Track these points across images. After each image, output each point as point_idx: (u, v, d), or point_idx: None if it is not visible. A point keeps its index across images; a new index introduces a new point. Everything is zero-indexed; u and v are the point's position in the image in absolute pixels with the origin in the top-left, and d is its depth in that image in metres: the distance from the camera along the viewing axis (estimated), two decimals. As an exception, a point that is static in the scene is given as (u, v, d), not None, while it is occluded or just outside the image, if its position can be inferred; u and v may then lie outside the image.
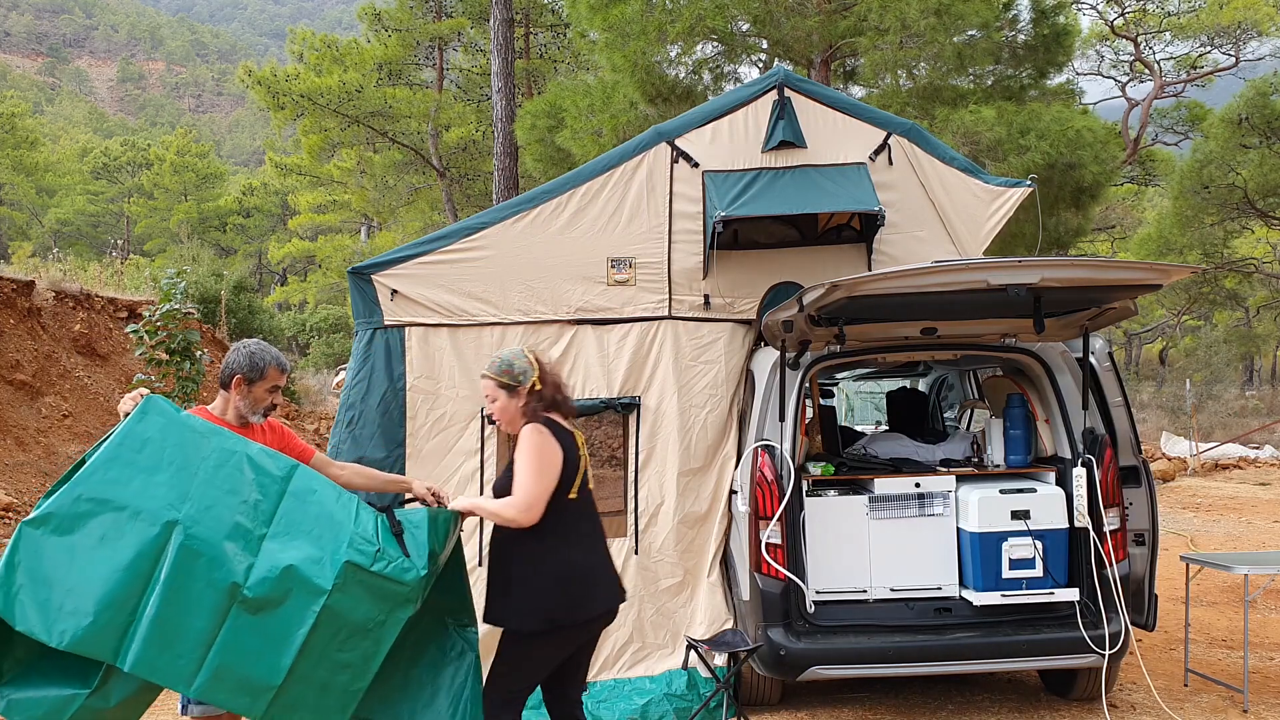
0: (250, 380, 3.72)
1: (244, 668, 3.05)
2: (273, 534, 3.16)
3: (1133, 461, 5.43)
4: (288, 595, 3.09)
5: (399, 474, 5.46)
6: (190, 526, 3.03)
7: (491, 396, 3.75)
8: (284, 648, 3.08)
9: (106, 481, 3.02)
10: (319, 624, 3.11)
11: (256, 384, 3.73)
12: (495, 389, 3.72)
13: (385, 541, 3.30)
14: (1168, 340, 40.51)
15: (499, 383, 3.71)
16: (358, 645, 3.20)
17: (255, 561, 3.09)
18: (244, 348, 3.78)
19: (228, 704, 3.15)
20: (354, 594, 3.18)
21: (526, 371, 3.71)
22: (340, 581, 3.15)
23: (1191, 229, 22.47)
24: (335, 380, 19.37)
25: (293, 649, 3.08)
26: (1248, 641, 5.58)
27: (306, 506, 3.26)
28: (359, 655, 3.21)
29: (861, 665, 4.94)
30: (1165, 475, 16.52)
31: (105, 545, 2.97)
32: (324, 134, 25.41)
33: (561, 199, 5.67)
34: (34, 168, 47.07)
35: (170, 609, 2.98)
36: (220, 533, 3.07)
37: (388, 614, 3.25)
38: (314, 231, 41.20)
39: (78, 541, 2.96)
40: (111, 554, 2.97)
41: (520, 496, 3.49)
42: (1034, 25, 13.68)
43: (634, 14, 12.38)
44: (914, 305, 4.70)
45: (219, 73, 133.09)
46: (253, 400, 3.75)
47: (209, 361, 9.68)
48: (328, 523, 3.24)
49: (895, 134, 5.76)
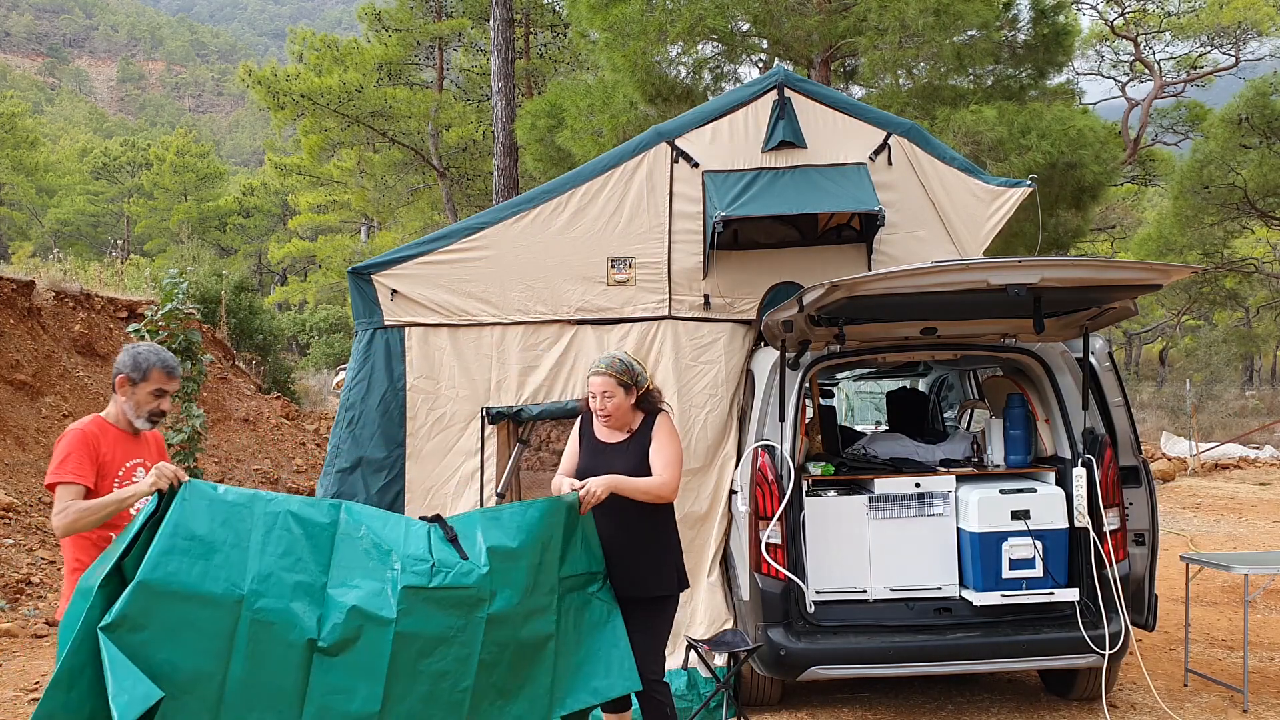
0: (134, 381, 3.67)
1: (342, 705, 3.22)
2: (332, 581, 3.30)
3: (1133, 461, 5.42)
4: (360, 632, 3.25)
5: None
6: (256, 600, 3.17)
7: (609, 393, 4.07)
8: (373, 678, 3.26)
9: (168, 575, 3.10)
10: (397, 649, 3.28)
11: (140, 385, 3.67)
12: (615, 386, 4.08)
13: (439, 552, 3.43)
14: (1168, 340, 40.51)
15: (619, 380, 4.08)
16: (446, 653, 3.40)
17: (324, 612, 3.25)
18: (132, 349, 3.74)
19: None
20: (422, 612, 3.35)
21: (643, 375, 4.17)
22: (404, 607, 3.31)
23: (1191, 229, 22.47)
24: (335, 380, 19.35)
25: (381, 677, 3.26)
26: (1248, 641, 5.58)
27: (357, 543, 3.38)
28: (451, 661, 3.41)
29: (861, 665, 4.94)
30: (1165, 475, 16.52)
31: (181, 632, 3.08)
32: (324, 134, 25.42)
33: (561, 199, 5.67)
34: (34, 168, 47.05)
35: (254, 675, 3.12)
36: (285, 597, 3.21)
37: (466, 617, 3.44)
38: (314, 231, 41.19)
39: (152, 635, 3.05)
40: (189, 640, 3.09)
41: (672, 474, 4.00)
42: (1034, 25, 13.68)
43: (634, 14, 12.38)
44: (914, 305, 4.70)
45: (219, 73, 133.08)
46: (136, 403, 3.69)
47: (210, 362, 9.69)
48: (379, 553, 3.38)
49: (895, 134, 5.76)
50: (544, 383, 5.61)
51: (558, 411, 5.61)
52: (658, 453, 4.05)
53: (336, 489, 5.40)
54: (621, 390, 4.08)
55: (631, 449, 4.10)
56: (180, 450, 7.83)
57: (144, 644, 3.03)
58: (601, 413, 4.11)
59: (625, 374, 4.09)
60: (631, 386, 4.10)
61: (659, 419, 4.14)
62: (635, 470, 4.03)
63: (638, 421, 4.15)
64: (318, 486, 5.57)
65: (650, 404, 4.17)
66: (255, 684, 3.13)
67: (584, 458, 4.18)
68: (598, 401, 4.09)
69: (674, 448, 4.07)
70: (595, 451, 4.16)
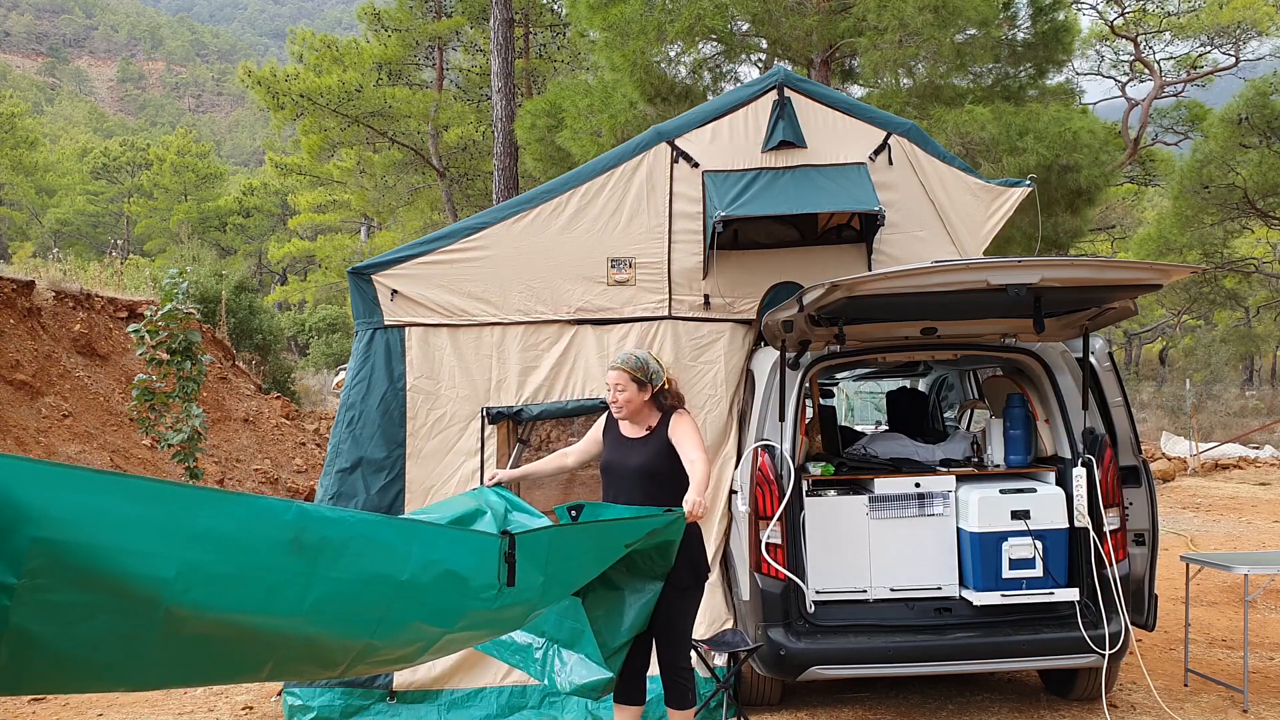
0: None
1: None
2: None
3: (1133, 461, 5.42)
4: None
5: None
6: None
7: (621, 386, 4.23)
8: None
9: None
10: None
11: None
12: (628, 381, 4.22)
13: (504, 575, 3.27)
14: (1168, 340, 40.53)
15: (632, 376, 4.22)
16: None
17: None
18: None
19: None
20: (480, 619, 3.31)
21: (659, 374, 4.28)
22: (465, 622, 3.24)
23: (1191, 229, 22.47)
24: (335, 380, 19.34)
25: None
26: (1248, 641, 5.58)
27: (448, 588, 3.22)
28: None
29: (861, 665, 4.94)
30: (1165, 475, 16.52)
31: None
32: (324, 134, 25.41)
33: (561, 199, 5.67)
34: (34, 168, 47.08)
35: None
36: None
37: (519, 623, 3.52)
38: (314, 231, 41.22)
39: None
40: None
41: (705, 470, 4.05)
42: (1033, 22, 13.69)
43: (634, 13, 12.38)
44: (914, 305, 4.70)
45: (219, 73, 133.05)
46: None
47: (210, 362, 9.68)
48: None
49: (895, 134, 5.76)
50: (544, 383, 5.61)
51: (558, 411, 5.61)
52: (685, 449, 4.15)
53: (336, 489, 5.40)
54: (634, 386, 4.22)
55: (649, 445, 4.25)
56: (180, 450, 7.82)
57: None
58: (614, 404, 4.29)
59: (639, 370, 4.22)
60: (646, 383, 4.23)
61: (674, 417, 4.25)
62: (649, 464, 4.20)
63: (655, 419, 4.29)
64: (318, 486, 5.57)
65: (664, 402, 4.29)
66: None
67: (607, 451, 4.39)
68: (610, 394, 4.27)
69: (695, 437, 4.19)
70: (617, 445, 4.35)
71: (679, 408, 4.32)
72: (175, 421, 7.85)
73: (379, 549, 2.81)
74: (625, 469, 4.27)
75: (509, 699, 5.30)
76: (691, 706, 4.22)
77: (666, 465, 4.19)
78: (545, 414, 5.61)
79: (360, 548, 2.75)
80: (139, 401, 7.74)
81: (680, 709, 4.21)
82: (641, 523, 3.79)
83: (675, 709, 4.22)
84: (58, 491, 2.08)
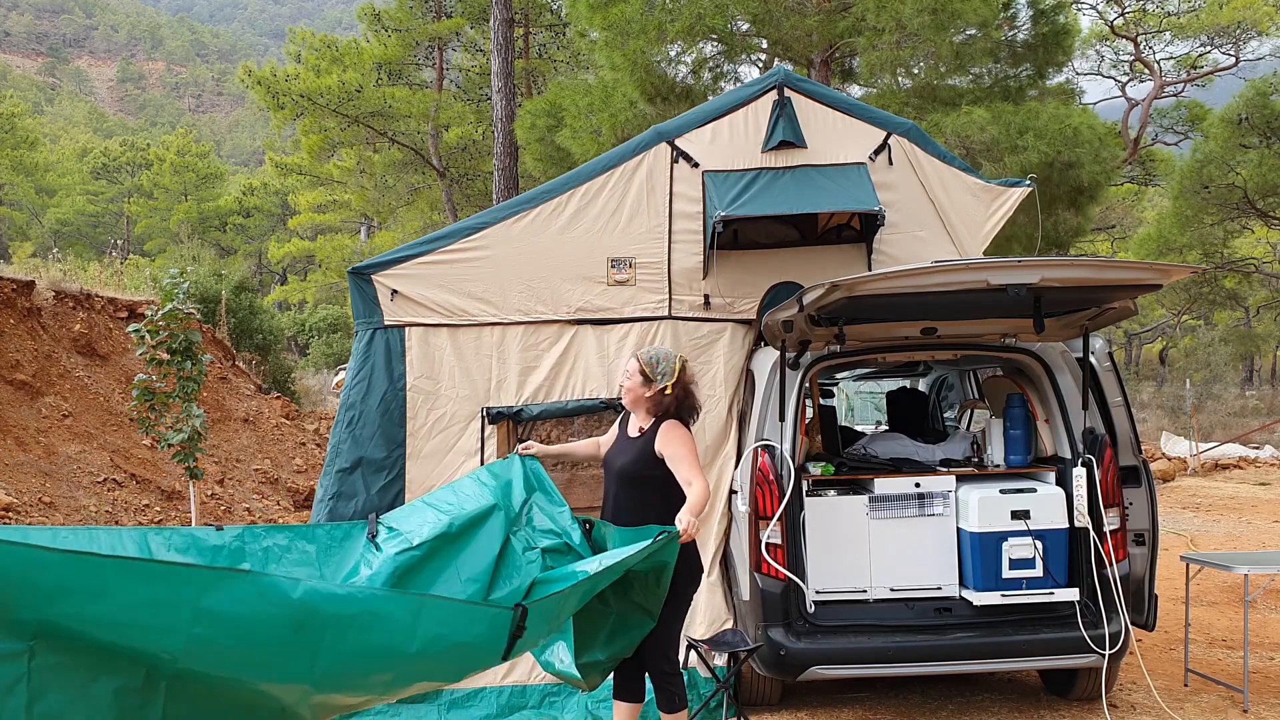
0: None
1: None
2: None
3: (1133, 461, 5.42)
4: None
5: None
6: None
7: (630, 375, 4.29)
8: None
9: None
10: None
11: None
12: (636, 372, 4.26)
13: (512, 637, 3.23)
14: (1168, 340, 40.52)
15: (641, 369, 4.25)
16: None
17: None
18: None
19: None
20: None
21: (666, 374, 4.24)
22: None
23: (1191, 229, 22.46)
24: (335, 380, 19.35)
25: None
26: (1248, 641, 5.58)
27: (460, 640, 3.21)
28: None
29: (861, 665, 4.94)
30: (1165, 475, 16.52)
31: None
32: (324, 134, 25.41)
33: (561, 199, 5.67)
34: (34, 168, 47.10)
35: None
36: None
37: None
38: (314, 231, 41.21)
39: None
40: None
41: (698, 476, 4.02)
42: (1033, 23, 13.68)
43: (634, 13, 12.39)
44: (914, 305, 4.70)
45: (219, 73, 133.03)
46: None
47: (210, 362, 9.67)
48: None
49: (895, 134, 5.76)
50: (544, 383, 5.61)
51: (558, 411, 5.61)
52: (679, 468, 4.09)
53: (336, 489, 5.41)
54: (639, 378, 4.25)
55: (635, 448, 4.26)
56: (180, 450, 7.81)
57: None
58: (621, 388, 4.39)
59: (649, 366, 4.24)
60: (650, 380, 4.23)
61: (663, 426, 4.20)
62: (628, 467, 4.22)
63: (649, 423, 4.28)
64: (318, 486, 5.57)
65: (658, 407, 4.24)
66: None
67: (611, 445, 4.44)
68: (620, 377, 4.37)
69: (688, 455, 4.11)
70: (617, 441, 4.40)
71: (672, 417, 4.23)
72: (175, 421, 7.83)
73: (387, 624, 2.86)
74: (613, 468, 4.31)
75: (509, 699, 5.30)
76: (680, 709, 4.17)
77: (646, 472, 4.15)
78: (545, 414, 5.61)
79: (368, 623, 2.81)
80: (139, 401, 7.72)
81: (669, 712, 4.18)
82: (641, 552, 3.71)
83: (665, 712, 4.19)
84: (80, 576, 2.33)
